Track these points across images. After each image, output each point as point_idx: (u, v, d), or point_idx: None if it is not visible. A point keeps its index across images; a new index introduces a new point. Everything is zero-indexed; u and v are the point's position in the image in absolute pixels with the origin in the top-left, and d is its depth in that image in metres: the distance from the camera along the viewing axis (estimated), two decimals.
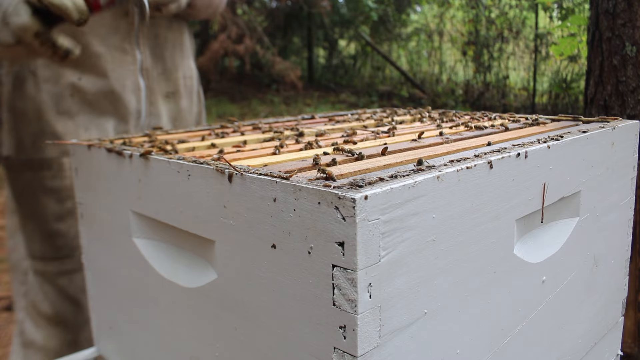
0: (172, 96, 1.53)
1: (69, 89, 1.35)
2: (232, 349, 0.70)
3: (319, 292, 0.55)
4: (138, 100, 1.42)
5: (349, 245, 0.52)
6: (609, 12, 1.61)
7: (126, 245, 0.86)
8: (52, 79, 1.35)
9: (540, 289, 0.80)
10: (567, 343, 0.89)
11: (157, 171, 0.76)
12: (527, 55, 8.13)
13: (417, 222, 0.57)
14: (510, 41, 8.14)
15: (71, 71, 1.35)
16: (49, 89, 1.35)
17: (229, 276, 0.68)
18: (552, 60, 7.64)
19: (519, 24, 8.03)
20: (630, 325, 1.67)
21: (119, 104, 1.40)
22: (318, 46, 11.08)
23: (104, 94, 1.38)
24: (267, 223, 0.60)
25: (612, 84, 1.63)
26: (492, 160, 0.66)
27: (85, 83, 1.36)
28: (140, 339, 0.90)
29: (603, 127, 0.91)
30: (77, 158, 0.96)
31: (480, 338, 0.69)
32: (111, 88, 1.38)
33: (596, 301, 0.96)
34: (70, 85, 1.35)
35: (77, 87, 1.36)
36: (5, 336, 2.42)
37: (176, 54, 1.53)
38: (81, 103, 1.37)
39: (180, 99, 1.55)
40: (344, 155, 0.72)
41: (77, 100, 1.37)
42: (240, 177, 0.62)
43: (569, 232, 0.85)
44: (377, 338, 0.55)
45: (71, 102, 1.37)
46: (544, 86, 7.80)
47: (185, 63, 1.58)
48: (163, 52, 1.49)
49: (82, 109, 1.37)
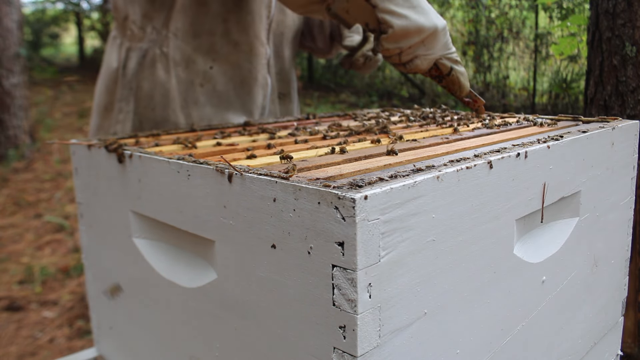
0: (284, 98, 1.48)
1: (199, 77, 1.28)
2: (232, 349, 0.70)
3: (318, 292, 0.55)
4: (265, 95, 1.37)
5: (348, 245, 0.52)
6: (609, 12, 1.61)
7: (126, 245, 0.86)
8: (183, 64, 1.28)
9: (540, 289, 0.80)
10: (567, 343, 0.89)
11: (157, 171, 0.76)
12: (527, 55, 8.13)
13: (417, 222, 0.57)
14: (510, 41, 8.14)
15: (203, 58, 1.28)
16: (179, 74, 1.28)
17: (229, 276, 0.68)
18: (552, 60, 7.64)
19: (519, 24, 8.03)
20: (630, 325, 1.67)
21: (248, 97, 1.33)
22: None
23: (234, 85, 1.31)
24: (267, 223, 0.60)
25: (612, 84, 1.63)
26: (492, 160, 0.66)
27: (216, 72, 1.29)
28: (140, 339, 0.90)
29: (603, 127, 0.91)
30: (77, 158, 0.96)
31: (480, 338, 0.69)
32: (243, 79, 1.31)
33: (596, 301, 0.96)
34: (202, 73, 1.28)
35: (208, 76, 1.28)
36: (6, 336, 2.42)
37: (292, 56, 1.49)
38: (210, 94, 1.30)
39: (291, 102, 1.51)
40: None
41: (206, 91, 1.30)
42: (240, 177, 0.62)
43: (569, 232, 0.85)
44: (377, 338, 0.55)
45: (200, 92, 1.29)
46: (544, 86, 7.79)
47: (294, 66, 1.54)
48: (283, 51, 1.44)
49: (209, 100, 1.30)
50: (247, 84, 1.32)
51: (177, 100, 1.29)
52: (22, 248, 3.42)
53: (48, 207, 4.15)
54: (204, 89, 1.29)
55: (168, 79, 1.28)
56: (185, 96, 1.28)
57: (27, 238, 3.58)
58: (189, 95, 1.29)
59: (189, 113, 1.29)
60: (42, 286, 2.92)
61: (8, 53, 5.20)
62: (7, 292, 2.84)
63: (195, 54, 1.27)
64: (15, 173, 4.99)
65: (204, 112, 1.30)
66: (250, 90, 1.33)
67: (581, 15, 5.45)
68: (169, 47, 1.27)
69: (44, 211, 4.07)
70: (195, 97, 1.29)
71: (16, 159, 5.22)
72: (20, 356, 2.27)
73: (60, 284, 2.94)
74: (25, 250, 3.38)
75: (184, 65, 1.27)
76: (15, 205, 4.23)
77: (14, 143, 5.30)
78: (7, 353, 2.29)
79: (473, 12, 8.50)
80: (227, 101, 1.32)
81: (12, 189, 4.61)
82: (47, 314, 2.65)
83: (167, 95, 1.28)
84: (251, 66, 1.31)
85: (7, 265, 3.15)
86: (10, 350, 2.31)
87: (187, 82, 1.28)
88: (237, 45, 1.29)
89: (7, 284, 2.92)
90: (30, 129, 5.58)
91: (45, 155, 5.56)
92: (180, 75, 1.28)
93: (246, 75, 1.31)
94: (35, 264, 3.16)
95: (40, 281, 2.96)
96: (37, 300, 2.78)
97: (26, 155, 5.37)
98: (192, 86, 1.29)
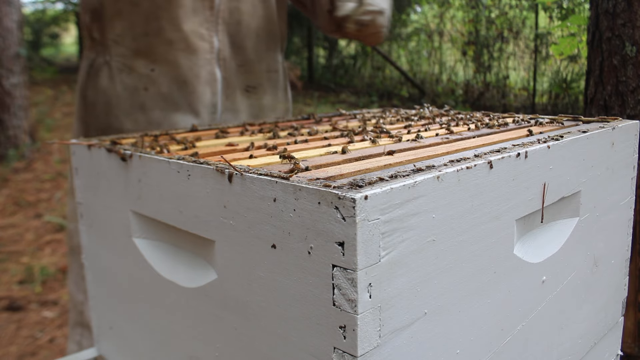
0: (253, 91, 1.39)
1: (143, 81, 1.26)
2: (232, 349, 0.70)
3: (319, 292, 0.55)
4: (213, 92, 1.30)
5: (349, 245, 0.52)
6: (609, 12, 1.61)
7: (126, 245, 0.86)
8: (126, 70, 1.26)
9: (540, 289, 0.80)
10: (567, 343, 0.89)
11: (157, 171, 0.76)
12: (527, 55, 8.13)
13: (417, 222, 0.57)
14: (510, 41, 8.14)
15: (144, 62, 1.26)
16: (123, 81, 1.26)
17: (229, 276, 0.68)
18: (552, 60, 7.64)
19: (519, 24, 8.03)
20: (630, 325, 1.67)
21: (193, 96, 1.28)
22: (318, 46, 11.07)
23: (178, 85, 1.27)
24: (267, 223, 0.60)
25: (612, 84, 1.63)
26: (492, 160, 0.66)
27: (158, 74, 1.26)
28: (140, 339, 0.90)
29: (603, 127, 0.91)
30: (77, 158, 0.96)
31: (480, 338, 0.69)
32: (183, 78, 1.26)
33: (596, 301, 0.96)
34: (145, 77, 1.26)
35: (151, 79, 1.26)
36: (6, 336, 2.42)
37: (260, 45, 1.39)
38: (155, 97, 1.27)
39: (263, 95, 1.42)
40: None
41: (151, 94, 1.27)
42: (240, 177, 0.62)
43: (569, 232, 0.85)
44: (377, 338, 0.55)
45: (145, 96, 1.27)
46: (544, 86, 7.79)
47: (271, 56, 1.44)
48: (244, 42, 1.35)
49: (156, 104, 1.27)
50: (189, 82, 1.27)
51: (122, 107, 1.27)
52: (22, 248, 3.42)
53: (48, 207, 4.15)
54: (149, 93, 1.27)
55: (111, 86, 1.27)
56: (131, 102, 1.27)
57: (27, 238, 3.58)
58: (135, 101, 1.27)
59: (135, 119, 1.27)
60: (42, 286, 2.92)
61: (8, 53, 5.20)
62: (7, 292, 2.84)
63: (136, 58, 1.25)
64: (15, 173, 4.99)
65: (152, 116, 1.27)
66: (194, 89, 1.27)
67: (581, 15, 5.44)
68: (111, 54, 1.26)
69: (44, 211, 4.07)
70: (141, 102, 1.27)
71: (16, 159, 5.22)
72: (20, 356, 2.27)
73: (60, 284, 2.94)
74: (25, 250, 3.38)
75: (127, 71, 1.26)
76: (15, 205, 4.23)
77: (14, 143, 5.30)
78: (7, 353, 2.29)
79: (473, 12, 8.50)
80: (174, 103, 1.28)
81: (12, 189, 4.61)
82: (47, 314, 2.65)
83: (109, 102, 1.27)
84: (191, 63, 1.26)
85: (7, 265, 3.15)
86: (10, 350, 2.31)
87: (132, 88, 1.27)
88: (171, 43, 1.23)
89: (7, 284, 2.92)
90: (30, 129, 5.58)
91: (45, 155, 5.56)
92: (125, 82, 1.26)
93: (187, 73, 1.26)
94: (35, 264, 3.16)
95: (40, 281, 2.96)
96: (37, 300, 2.78)
97: (26, 155, 5.37)
98: (136, 91, 1.27)
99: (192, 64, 1.25)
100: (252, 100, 1.40)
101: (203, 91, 1.28)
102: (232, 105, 1.34)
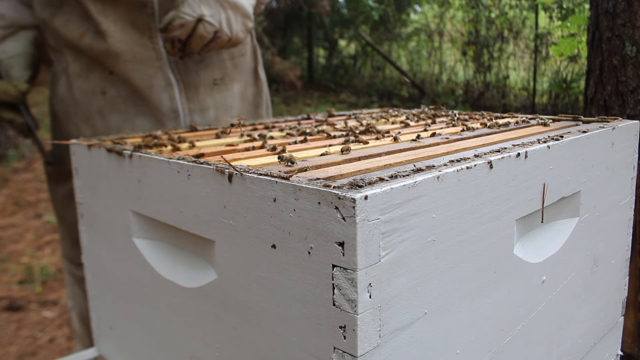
0: (222, 83, 1.32)
1: (100, 85, 1.22)
2: (232, 349, 0.70)
3: (319, 292, 0.55)
4: (171, 98, 1.24)
5: (349, 245, 0.52)
6: (609, 12, 1.61)
7: (126, 245, 0.86)
8: (83, 75, 1.22)
9: (540, 289, 0.79)
10: (567, 343, 0.89)
11: (157, 171, 0.76)
12: (527, 55, 8.12)
13: (417, 222, 0.57)
14: (510, 41, 8.13)
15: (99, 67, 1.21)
16: (80, 86, 1.23)
17: (229, 276, 0.68)
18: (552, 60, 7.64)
19: (519, 24, 8.03)
20: (630, 325, 1.67)
21: (150, 105, 1.23)
22: (318, 46, 11.07)
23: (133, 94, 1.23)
24: (267, 223, 0.60)
25: (612, 84, 1.63)
26: (492, 160, 0.66)
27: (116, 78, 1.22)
28: (140, 339, 0.90)
29: (603, 127, 0.91)
30: (77, 158, 0.96)
31: (480, 338, 0.69)
32: (136, 89, 1.22)
33: (596, 301, 0.96)
34: (103, 80, 1.21)
35: (109, 82, 1.21)
36: (6, 336, 2.42)
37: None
38: (114, 100, 1.23)
39: (232, 84, 1.34)
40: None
41: (110, 98, 1.22)
42: (240, 177, 0.62)
43: (569, 232, 0.84)
44: (377, 338, 0.55)
45: (103, 101, 1.22)
46: (544, 86, 7.79)
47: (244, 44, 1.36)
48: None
49: (115, 107, 1.23)
50: (143, 92, 1.22)
51: (80, 114, 1.24)
52: (22, 248, 3.41)
53: (48, 207, 4.14)
54: (107, 97, 1.22)
55: (68, 93, 1.24)
56: (88, 107, 1.23)
57: (27, 238, 3.58)
58: (92, 106, 1.23)
59: (93, 124, 1.24)
60: (42, 286, 2.92)
61: None
62: (7, 292, 2.84)
63: (93, 63, 1.21)
64: (15, 173, 4.99)
65: (110, 120, 1.23)
66: (148, 97, 1.22)
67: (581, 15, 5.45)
68: (67, 61, 1.23)
69: (44, 211, 4.07)
70: (99, 107, 1.23)
71: (16, 159, 5.22)
72: (20, 356, 2.27)
73: (60, 284, 2.94)
74: (25, 250, 3.38)
75: (84, 76, 1.22)
76: (15, 205, 4.23)
77: (14, 143, 5.30)
78: (7, 353, 2.29)
79: (473, 12, 8.50)
80: (134, 106, 1.24)
81: (12, 189, 4.60)
82: (47, 314, 2.65)
83: (66, 110, 1.25)
84: (141, 74, 1.21)
85: (7, 265, 3.15)
86: (10, 350, 2.31)
87: (89, 93, 1.22)
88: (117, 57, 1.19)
89: (7, 284, 2.92)
90: None
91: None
92: (82, 87, 1.22)
93: (139, 84, 1.21)
94: (35, 264, 3.16)
95: (40, 281, 2.96)
96: (37, 300, 2.78)
97: (26, 155, 5.37)
98: (93, 96, 1.23)
99: (142, 74, 1.21)
100: (221, 93, 1.33)
101: (159, 99, 1.23)
102: (195, 105, 1.28)
